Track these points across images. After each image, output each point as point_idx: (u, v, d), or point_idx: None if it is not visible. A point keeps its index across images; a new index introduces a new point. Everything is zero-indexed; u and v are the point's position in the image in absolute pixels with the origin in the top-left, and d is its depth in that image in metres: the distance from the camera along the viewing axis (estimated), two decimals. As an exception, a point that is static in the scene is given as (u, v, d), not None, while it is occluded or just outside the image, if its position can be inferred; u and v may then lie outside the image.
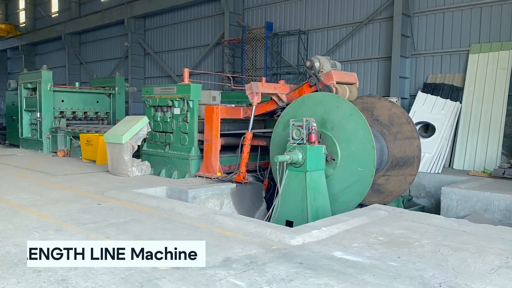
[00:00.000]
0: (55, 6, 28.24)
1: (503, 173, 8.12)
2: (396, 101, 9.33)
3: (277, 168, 5.93)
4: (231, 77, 11.37)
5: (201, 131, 7.82)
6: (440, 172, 9.08)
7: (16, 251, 3.52)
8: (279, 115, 7.11)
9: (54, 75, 12.66)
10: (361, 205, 6.02)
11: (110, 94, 13.70)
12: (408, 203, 8.18)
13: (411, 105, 10.94)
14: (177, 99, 7.94)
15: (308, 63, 6.79)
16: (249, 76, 14.92)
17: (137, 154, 8.58)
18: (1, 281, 2.88)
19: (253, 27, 15.53)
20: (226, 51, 16.42)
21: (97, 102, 13.56)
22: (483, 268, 3.27)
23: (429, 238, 4.06)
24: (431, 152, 9.39)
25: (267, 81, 8.91)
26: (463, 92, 10.28)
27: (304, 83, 7.10)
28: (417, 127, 9.48)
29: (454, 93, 10.37)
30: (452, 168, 9.78)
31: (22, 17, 31.75)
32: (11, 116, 14.27)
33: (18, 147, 13.28)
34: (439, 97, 10.31)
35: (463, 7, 11.12)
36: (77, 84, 14.54)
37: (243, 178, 7.13)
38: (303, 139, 5.83)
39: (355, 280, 2.99)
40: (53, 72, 12.83)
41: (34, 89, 12.45)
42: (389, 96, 11.49)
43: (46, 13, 28.70)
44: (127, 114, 13.52)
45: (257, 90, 7.09)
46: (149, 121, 8.30)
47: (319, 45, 14.17)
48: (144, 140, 8.43)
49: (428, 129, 10.15)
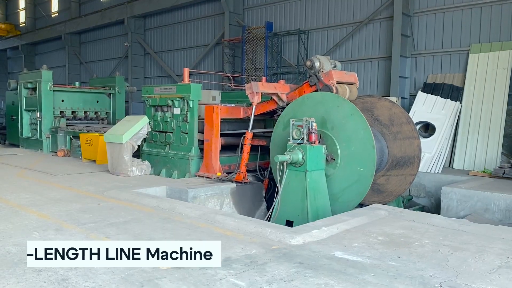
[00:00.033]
0: (55, 5, 28.23)
1: (503, 173, 8.12)
2: (396, 101, 9.32)
3: (277, 167, 5.93)
4: (231, 76, 11.37)
5: (201, 131, 7.82)
6: (440, 172, 9.07)
7: (16, 250, 3.51)
8: (279, 115, 7.11)
9: (54, 75, 12.65)
10: (361, 205, 6.02)
11: (110, 93, 13.70)
12: (408, 203, 8.18)
13: (411, 105, 10.93)
14: (177, 98, 7.94)
15: (308, 63, 6.79)
16: (249, 76, 14.91)
17: (137, 153, 8.57)
18: (1, 281, 2.88)
19: (253, 27, 15.52)
20: (226, 50, 16.41)
21: (97, 102, 13.55)
22: (483, 268, 3.27)
23: (429, 238, 4.06)
24: (431, 152, 9.38)
25: (267, 81, 8.91)
26: (463, 92, 10.27)
27: (304, 82, 7.10)
28: (417, 127, 9.48)
29: (454, 93, 10.37)
30: (452, 168, 9.78)
31: (22, 17, 31.74)
32: (11, 115, 14.26)
33: (18, 146, 13.27)
34: (439, 97, 10.31)
35: (463, 7, 11.11)
36: (77, 83, 14.54)
37: (243, 178, 7.13)
38: (303, 139, 5.83)
39: (355, 280, 2.99)
40: (53, 71, 12.82)
41: (34, 89, 12.45)
42: (389, 96, 11.48)
43: (46, 13, 28.69)
44: (127, 113, 13.52)
45: (257, 89, 7.09)
46: (149, 120, 8.30)
47: (319, 44, 14.17)
48: (144, 139, 8.43)
49: (428, 129, 10.14)
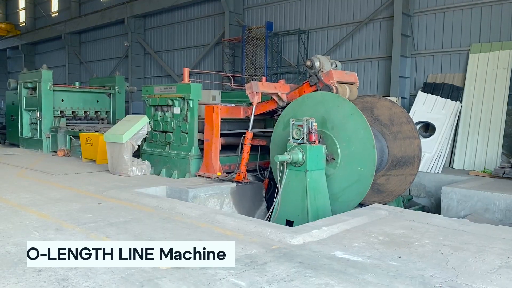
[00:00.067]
0: (55, 5, 28.21)
1: (503, 173, 8.12)
2: (396, 101, 9.32)
3: (277, 167, 5.93)
4: (231, 76, 11.36)
5: (201, 131, 7.81)
6: (440, 171, 9.07)
7: (16, 250, 3.51)
8: (279, 115, 7.10)
9: (54, 75, 12.64)
10: (361, 205, 6.02)
11: (110, 93, 13.69)
12: (408, 203, 8.18)
13: (411, 104, 10.93)
14: (177, 98, 7.94)
15: (308, 63, 6.78)
16: (249, 75, 14.89)
17: (137, 153, 8.57)
18: (1, 281, 2.88)
19: (253, 27, 15.51)
20: (226, 50, 16.40)
21: (97, 101, 13.54)
22: (483, 267, 3.27)
23: (429, 237, 4.05)
24: (431, 151, 9.38)
25: (267, 81, 8.91)
26: (463, 91, 10.27)
27: (304, 82, 7.09)
28: (417, 127, 9.47)
29: (454, 92, 10.37)
30: (452, 167, 9.77)
31: (22, 17, 31.71)
32: (11, 115, 14.26)
33: (18, 146, 13.27)
34: (439, 96, 10.31)
35: (463, 6, 11.11)
36: (77, 83, 14.53)
37: (243, 177, 7.13)
38: (303, 139, 5.83)
39: (355, 279, 2.98)
40: (53, 71, 12.81)
41: (34, 89, 12.44)
42: (389, 95, 11.47)
43: (46, 13, 28.68)
44: (127, 113, 13.51)
45: (257, 89, 7.08)
46: (149, 120, 8.30)
47: (319, 44, 14.16)
48: (144, 139, 8.43)
49: (428, 128, 10.14)
